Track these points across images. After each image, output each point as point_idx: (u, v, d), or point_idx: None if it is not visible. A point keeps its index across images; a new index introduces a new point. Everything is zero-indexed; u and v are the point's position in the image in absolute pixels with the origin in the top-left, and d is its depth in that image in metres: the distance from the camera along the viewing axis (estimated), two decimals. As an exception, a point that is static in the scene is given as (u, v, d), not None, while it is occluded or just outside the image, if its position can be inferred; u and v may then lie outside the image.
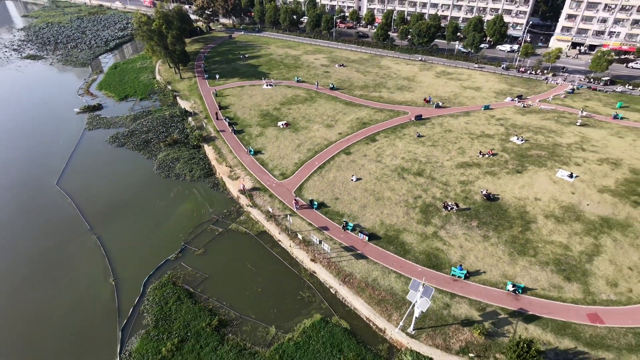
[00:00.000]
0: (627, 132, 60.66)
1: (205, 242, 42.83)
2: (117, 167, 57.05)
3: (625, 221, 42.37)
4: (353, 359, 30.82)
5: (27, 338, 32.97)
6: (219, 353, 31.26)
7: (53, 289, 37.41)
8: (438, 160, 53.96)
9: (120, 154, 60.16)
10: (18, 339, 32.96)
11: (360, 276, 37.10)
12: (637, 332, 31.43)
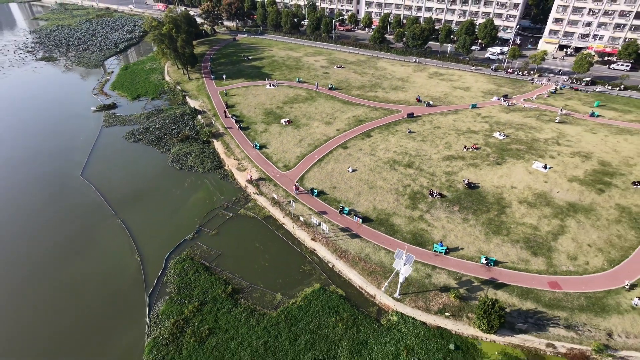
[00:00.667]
0: (601, 128, 66.20)
1: (217, 224, 48.35)
2: (134, 160, 62.61)
3: (589, 206, 47.89)
4: (347, 319, 36.32)
5: (69, 304, 38.41)
6: (234, 314, 36.75)
7: (87, 264, 42.90)
8: (426, 153, 59.51)
9: (136, 149, 65.71)
10: (61, 305, 38.40)
11: (354, 252, 42.61)
12: (588, 296, 36.92)
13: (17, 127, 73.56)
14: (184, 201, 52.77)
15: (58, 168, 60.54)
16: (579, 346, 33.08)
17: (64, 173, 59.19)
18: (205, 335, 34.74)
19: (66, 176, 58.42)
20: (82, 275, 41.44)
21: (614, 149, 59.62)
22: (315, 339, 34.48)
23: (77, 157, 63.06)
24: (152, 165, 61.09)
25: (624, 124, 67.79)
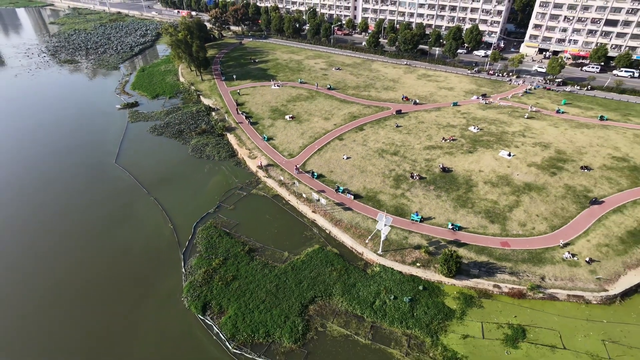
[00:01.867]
0: (563, 123, 76.19)
1: (234, 201, 58.33)
2: (159, 150, 72.64)
3: (542, 185, 57.87)
4: (340, 269, 46.27)
5: (122, 260, 48.33)
6: (251, 266, 46.72)
7: (131, 231, 52.86)
8: (410, 144, 69.51)
9: (160, 141, 75.74)
10: (115, 262, 48.29)
11: (347, 221, 52.59)
12: (530, 252, 46.87)
13: (53, 123, 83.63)
14: (205, 183, 62.79)
15: (95, 157, 70.58)
16: (518, 286, 43.02)
17: (100, 161, 69.23)
18: (229, 279, 44.74)
19: (103, 163, 68.47)
20: (127, 240, 51.44)
21: (570, 140, 69.63)
22: (316, 282, 44.44)
23: (110, 148, 73.12)
24: (175, 155, 71.13)
25: (584, 120, 77.78)
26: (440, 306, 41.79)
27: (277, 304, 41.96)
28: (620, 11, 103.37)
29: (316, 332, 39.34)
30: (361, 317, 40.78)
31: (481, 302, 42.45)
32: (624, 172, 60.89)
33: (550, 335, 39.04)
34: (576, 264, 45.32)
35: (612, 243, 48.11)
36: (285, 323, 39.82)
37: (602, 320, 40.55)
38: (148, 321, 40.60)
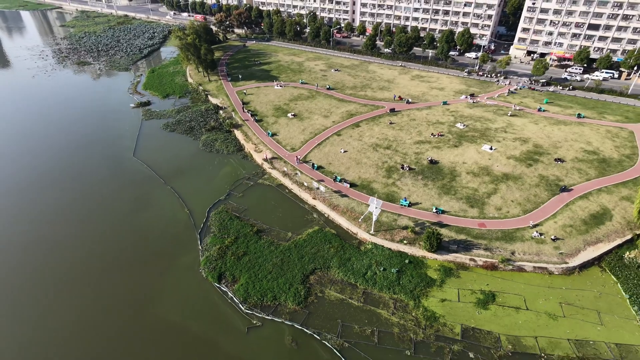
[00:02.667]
0: (543, 120, 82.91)
1: (242, 190, 65.03)
2: (172, 145, 79.33)
3: (519, 175, 64.57)
4: (337, 247, 52.92)
5: (144, 240, 54.97)
6: (259, 243, 53.35)
7: (151, 216, 59.48)
8: (402, 139, 76.22)
9: (173, 137, 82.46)
10: (138, 242, 54.94)
11: (343, 206, 59.27)
12: (503, 231, 53.53)
13: (73, 121, 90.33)
14: (215, 174, 69.50)
15: (114, 151, 77.31)
16: (491, 260, 49.66)
17: (119, 154, 75.95)
18: (240, 255, 51.42)
19: (121, 157, 75.18)
20: (149, 222, 58.12)
21: (548, 135, 76.35)
22: (315, 257, 51.11)
23: (127, 143, 79.81)
24: (187, 149, 77.83)
25: (562, 117, 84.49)
26: (423, 276, 48.48)
27: (282, 274, 48.64)
28: (602, 16, 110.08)
29: (316, 297, 46.01)
30: (354, 285, 47.45)
31: (458, 273, 49.15)
32: (593, 164, 67.63)
33: (516, 299, 45.73)
34: (543, 242, 52.00)
35: (576, 224, 54.80)
36: (290, 289, 46.50)
37: (561, 287, 47.25)
38: (172, 288, 47.29)
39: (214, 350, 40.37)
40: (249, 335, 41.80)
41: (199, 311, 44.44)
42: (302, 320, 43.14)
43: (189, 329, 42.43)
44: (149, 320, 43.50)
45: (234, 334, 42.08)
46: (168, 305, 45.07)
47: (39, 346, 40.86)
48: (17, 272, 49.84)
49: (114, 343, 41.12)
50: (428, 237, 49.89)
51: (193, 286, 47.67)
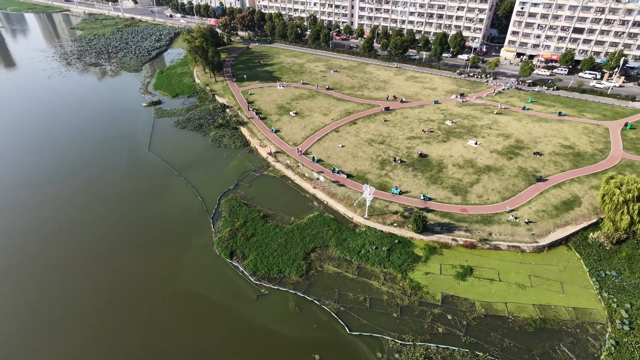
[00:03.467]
0: (526, 118, 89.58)
1: (249, 180, 71.67)
2: (184, 141, 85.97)
3: (499, 167, 71.24)
4: (335, 229, 59.50)
5: (161, 226, 61.53)
6: (265, 227, 59.94)
7: (167, 203, 66.04)
8: (395, 135, 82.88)
9: (184, 133, 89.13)
10: (156, 226, 61.56)
11: (340, 194, 65.91)
12: (483, 215, 60.18)
13: (89, 118, 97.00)
14: (224, 167, 76.15)
15: (130, 146, 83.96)
16: (470, 239, 56.27)
17: (135, 149, 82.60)
18: (249, 236, 58.03)
19: (138, 151, 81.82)
20: (166, 209, 64.70)
21: (529, 131, 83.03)
22: (316, 238, 57.72)
23: (142, 139, 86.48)
24: (198, 144, 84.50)
25: (544, 115, 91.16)
26: (410, 253, 55.08)
27: (286, 252, 55.27)
28: (586, 20, 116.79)
29: (316, 271, 52.65)
30: (350, 261, 54.07)
31: (441, 251, 55.78)
32: (568, 157, 74.33)
33: (491, 272, 52.36)
34: (517, 224, 58.65)
35: (548, 209, 61.47)
36: (293, 264, 53.13)
37: (531, 263, 53.89)
38: (191, 264, 53.92)
39: (229, 314, 47.00)
40: (258, 302, 48.44)
41: (214, 282, 51.09)
42: (304, 290, 49.77)
43: (206, 297, 49.10)
44: (173, 289, 50.13)
45: (245, 300, 48.73)
46: (188, 278, 51.72)
47: (84, 308, 47.54)
48: (57, 249, 56.47)
49: (145, 308, 47.75)
50: (415, 219, 56.56)
51: (208, 262, 54.32)
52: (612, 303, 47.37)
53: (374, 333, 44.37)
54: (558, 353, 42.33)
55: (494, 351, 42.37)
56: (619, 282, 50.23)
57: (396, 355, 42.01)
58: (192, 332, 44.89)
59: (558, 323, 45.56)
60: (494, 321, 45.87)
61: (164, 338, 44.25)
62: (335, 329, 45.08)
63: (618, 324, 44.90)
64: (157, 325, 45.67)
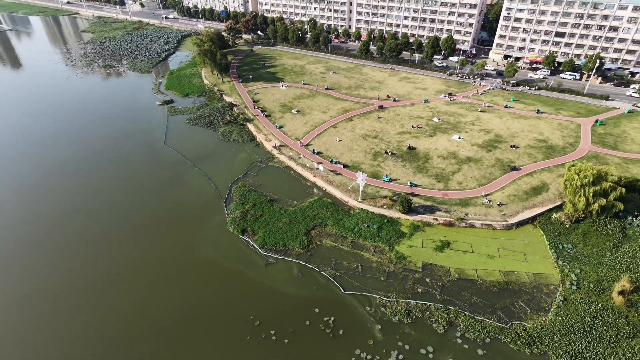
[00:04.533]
0: (506, 115, 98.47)
1: (256, 170, 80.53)
2: (196, 136, 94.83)
3: (479, 159, 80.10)
4: (332, 211, 68.33)
5: (179, 209, 70.33)
6: (272, 209, 68.77)
7: (184, 190, 74.87)
8: (388, 131, 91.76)
9: (196, 129, 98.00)
10: (174, 210, 70.37)
11: (337, 181, 74.77)
12: (461, 199, 69.01)
13: (108, 116, 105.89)
14: (234, 158, 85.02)
15: (148, 141, 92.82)
16: (449, 219, 65.06)
17: (152, 143, 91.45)
18: (258, 216, 66.88)
19: (155, 145, 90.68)
20: (183, 195, 73.55)
21: (507, 127, 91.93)
22: (315, 218, 66.51)
23: (158, 134, 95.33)
24: (209, 139, 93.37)
25: (523, 112, 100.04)
26: (397, 230, 63.92)
27: (290, 229, 64.12)
28: (567, 25, 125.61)
29: (316, 244, 61.51)
30: (345, 237, 62.91)
31: (424, 229, 64.63)
32: (541, 150, 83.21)
33: (465, 245, 61.20)
34: (491, 206, 67.50)
35: (519, 194, 70.34)
36: (296, 239, 61.97)
37: (500, 238, 62.75)
38: (208, 239, 62.78)
39: (243, 278, 55.85)
40: (267, 269, 57.32)
41: (229, 254, 59.96)
42: (306, 259, 58.64)
43: (223, 264, 57.99)
44: (195, 259, 59.01)
45: (256, 268, 57.59)
46: (206, 250, 60.60)
47: (125, 273, 56.45)
48: (97, 227, 65.34)
49: (171, 275, 56.61)
50: (401, 201, 65.48)
51: (223, 237, 63.22)
52: (565, 269, 56.28)
53: (364, 292, 53.28)
54: (516, 307, 51.25)
55: (464, 306, 51.28)
56: (574, 253, 59.13)
57: (382, 309, 50.90)
58: (212, 292, 53.85)
59: (519, 285, 54.48)
60: (465, 283, 54.78)
61: (190, 296, 53.17)
62: (331, 289, 53.98)
63: (568, 284, 53.81)
64: (183, 287, 54.60)
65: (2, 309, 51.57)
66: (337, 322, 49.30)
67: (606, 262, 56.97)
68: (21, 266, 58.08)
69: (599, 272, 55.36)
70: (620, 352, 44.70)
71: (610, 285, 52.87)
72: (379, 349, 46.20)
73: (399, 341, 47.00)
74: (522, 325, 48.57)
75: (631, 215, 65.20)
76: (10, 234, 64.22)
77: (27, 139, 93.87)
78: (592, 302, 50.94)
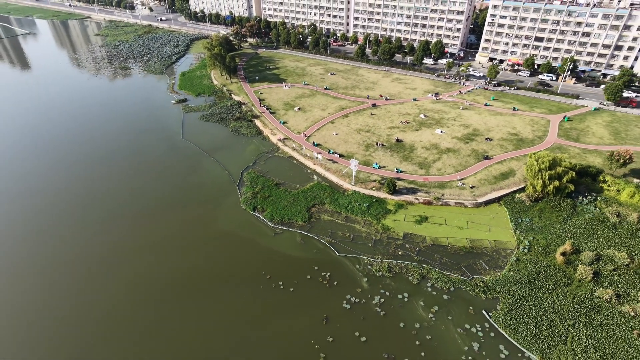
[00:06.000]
0: (485, 112, 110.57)
1: (264, 160, 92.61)
2: (210, 130, 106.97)
3: (457, 149, 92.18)
4: (329, 192, 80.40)
5: (199, 192, 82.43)
6: (278, 191, 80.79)
7: (202, 176, 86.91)
8: (379, 126, 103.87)
9: (209, 125, 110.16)
10: (194, 192, 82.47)
11: (334, 168, 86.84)
12: (439, 182, 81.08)
13: (130, 113, 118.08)
14: (243, 150, 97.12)
15: (166, 135, 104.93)
16: (428, 198, 77.11)
17: (171, 137, 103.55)
18: (266, 196, 78.96)
19: (173, 138, 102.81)
20: (201, 180, 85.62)
21: (485, 122, 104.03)
22: (315, 198, 78.55)
23: (175, 129, 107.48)
24: (221, 133, 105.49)
25: (500, 110, 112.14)
26: (383, 208, 75.92)
27: (294, 207, 76.11)
28: (544, 30, 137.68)
29: (315, 219, 73.55)
30: (340, 213, 74.90)
31: (407, 207, 76.64)
32: (512, 142, 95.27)
33: (440, 219, 73.20)
34: (464, 188, 79.53)
35: (488, 178, 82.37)
36: (299, 214, 73.97)
37: (470, 214, 74.79)
38: (224, 215, 74.84)
39: (255, 244, 67.82)
40: (275, 237, 69.33)
41: (243, 226, 72.02)
42: (307, 230, 70.69)
43: (239, 234, 70.03)
44: (214, 231, 71.06)
45: (266, 237, 69.61)
46: (224, 223, 72.65)
47: (155, 241, 68.59)
48: (128, 207, 77.41)
49: (198, 242, 68.63)
50: (387, 183, 77.58)
51: (237, 214, 75.29)
52: (521, 237, 68.32)
53: (354, 254, 65.32)
54: (478, 265, 63.31)
55: (435, 264, 63.31)
56: (530, 225, 71.19)
57: (369, 267, 62.93)
58: (231, 255, 65.95)
59: (482, 249, 66.55)
60: (437, 248, 66.84)
61: (214, 258, 65.27)
62: (328, 252, 66.05)
63: (521, 248, 65.89)
64: (208, 251, 66.69)
65: (75, 261, 63.73)
66: (332, 276, 61.34)
67: (555, 232, 69.05)
68: (79, 231, 70.17)
69: (548, 239, 67.42)
70: (554, 296, 56.79)
71: (555, 249, 64.94)
72: (365, 294, 58.24)
73: (381, 289, 59.04)
74: (481, 278, 60.59)
75: (582, 195, 77.24)
76: (64, 208, 76.33)
77: (66, 134, 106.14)
78: (539, 261, 62.98)
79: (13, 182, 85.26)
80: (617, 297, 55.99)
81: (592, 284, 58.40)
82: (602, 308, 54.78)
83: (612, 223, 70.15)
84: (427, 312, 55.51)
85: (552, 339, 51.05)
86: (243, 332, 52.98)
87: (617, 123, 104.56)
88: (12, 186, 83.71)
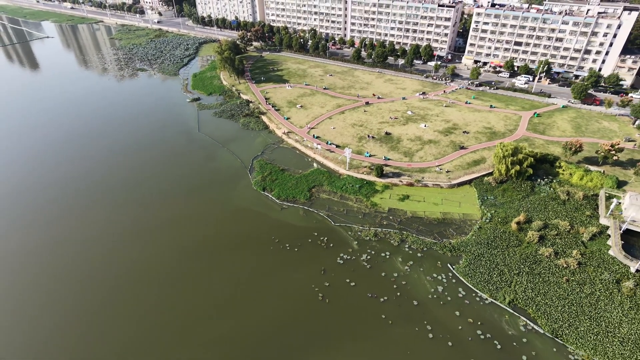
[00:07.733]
0: (465, 109, 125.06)
1: (271, 150, 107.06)
2: (222, 125, 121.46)
3: (438, 141, 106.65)
4: (327, 176, 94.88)
5: (216, 176, 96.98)
6: (283, 175, 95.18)
7: (217, 164, 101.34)
8: (371, 121, 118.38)
9: (221, 121, 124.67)
10: (211, 177, 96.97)
11: (331, 156, 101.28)
12: (420, 168, 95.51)
13: (150, 110, 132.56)
14: (252, 141, 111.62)
15: (184, 129, 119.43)
16: (410, 181, 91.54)
17: (189, 131, 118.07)
18: (274, 179, 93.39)
19: (191, 132, 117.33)
20: (217, 167, 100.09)
21: (464, 118, 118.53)
22: (315, 181, 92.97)
23: (192, 124, 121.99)
24: (232, 128, 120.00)
25: (479, 107, 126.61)
26: (372, 188, 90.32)
27: (297, 188, 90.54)
28: (522, 36, 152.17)
29: (315, 197, 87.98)
30: (335, 192, 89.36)
31: (392, 187, 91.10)
32: (486, 134, 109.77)
33: (420, 197, 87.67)
34: (441, 173, 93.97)
35: (462, 165, 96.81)
36: (301, 194, 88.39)
37: (445, 193, 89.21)
38: (239, 194, 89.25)
39: (265, 217, 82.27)
40: (282, 211, 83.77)
41: (255, 203, 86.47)
42: (308, 205, 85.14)
43: (251, 209, 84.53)
44: (230, 206, 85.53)
45: (274, 210, 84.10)
46: (239, 201, 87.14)
47: (180, 214, 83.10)
48: (152, 190, 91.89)
49: (218, 216, 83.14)
50: (376, 168, 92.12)
51: (250, 193, 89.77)
52: (485, 211, 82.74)
53: (347, 224, 79.76)
54: (448, 232, 77.74)
55: (412, 231, 77.73)
56: (493, 202, 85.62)
57: (359, 233, 77.30)
58: (246, 225, 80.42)
59: (452, 220, 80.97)
60: (416, 219, 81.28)
61: (231, 228, 79.78)
62: (326, 223, 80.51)
63: (484, 219, 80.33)
64: (227, 222, 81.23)
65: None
66: (329, 240, 75.75)
67: (514, 207, 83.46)
68: (120, 208, 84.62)
69: (507, 212, 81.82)
70: (506, 254, 71.26)
71: (512, 220, 79.37)
72: (355, 253, 72.70)
73: (368, 249, 73.50)
74: (449, 241, 75.04)
75: (541, 178, 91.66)
76: (105, 190, 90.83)
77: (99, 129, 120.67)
78: (497, 229, 77.37)
79: (65, 166, 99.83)
80: (555, 254, 70.50)
81: (538, 245, 72.86)
82: (542, 262, 69.26)
83: (562, 200, 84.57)
84: (403, 265, 70.02)
85: (500, 283, 65.54)
86: (259, 281, 67.48)
87: (580, 119, 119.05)
88: (67, 169, 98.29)
